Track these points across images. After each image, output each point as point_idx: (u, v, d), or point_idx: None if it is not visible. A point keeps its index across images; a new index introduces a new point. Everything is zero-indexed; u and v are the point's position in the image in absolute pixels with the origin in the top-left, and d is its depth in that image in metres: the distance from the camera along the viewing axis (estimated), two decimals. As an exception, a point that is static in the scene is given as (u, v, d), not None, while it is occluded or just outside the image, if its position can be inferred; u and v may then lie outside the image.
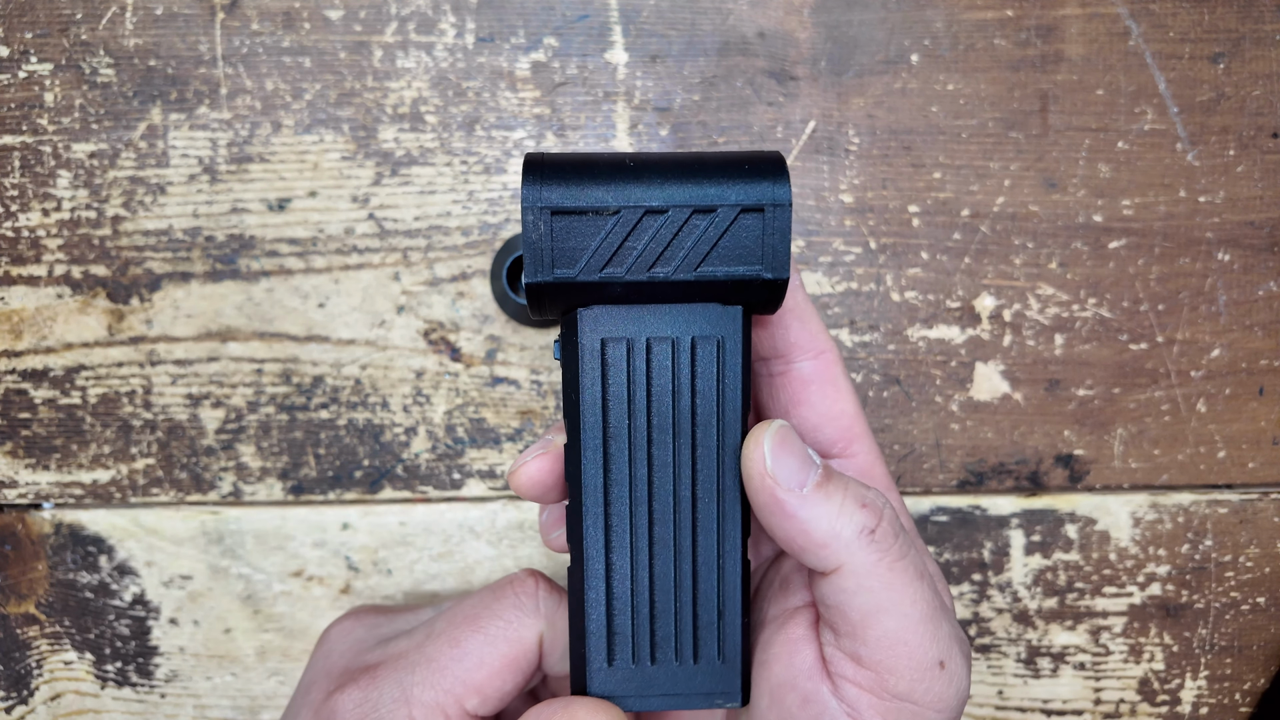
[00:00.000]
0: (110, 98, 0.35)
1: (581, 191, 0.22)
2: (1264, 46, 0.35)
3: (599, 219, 0.22)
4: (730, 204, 0.23)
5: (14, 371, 0.35)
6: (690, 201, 0.23)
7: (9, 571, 0.36)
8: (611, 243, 0.23)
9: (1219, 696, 0.37)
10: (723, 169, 0.23)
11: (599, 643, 0.24)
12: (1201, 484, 0.36)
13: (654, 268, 0.23)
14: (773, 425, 0.23)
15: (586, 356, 0.24)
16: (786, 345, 0.26)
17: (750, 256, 0.23)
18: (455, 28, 0.35)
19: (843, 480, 0.23)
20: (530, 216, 0.22)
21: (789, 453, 0.23)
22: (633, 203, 0.22)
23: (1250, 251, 0.36)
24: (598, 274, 0.23)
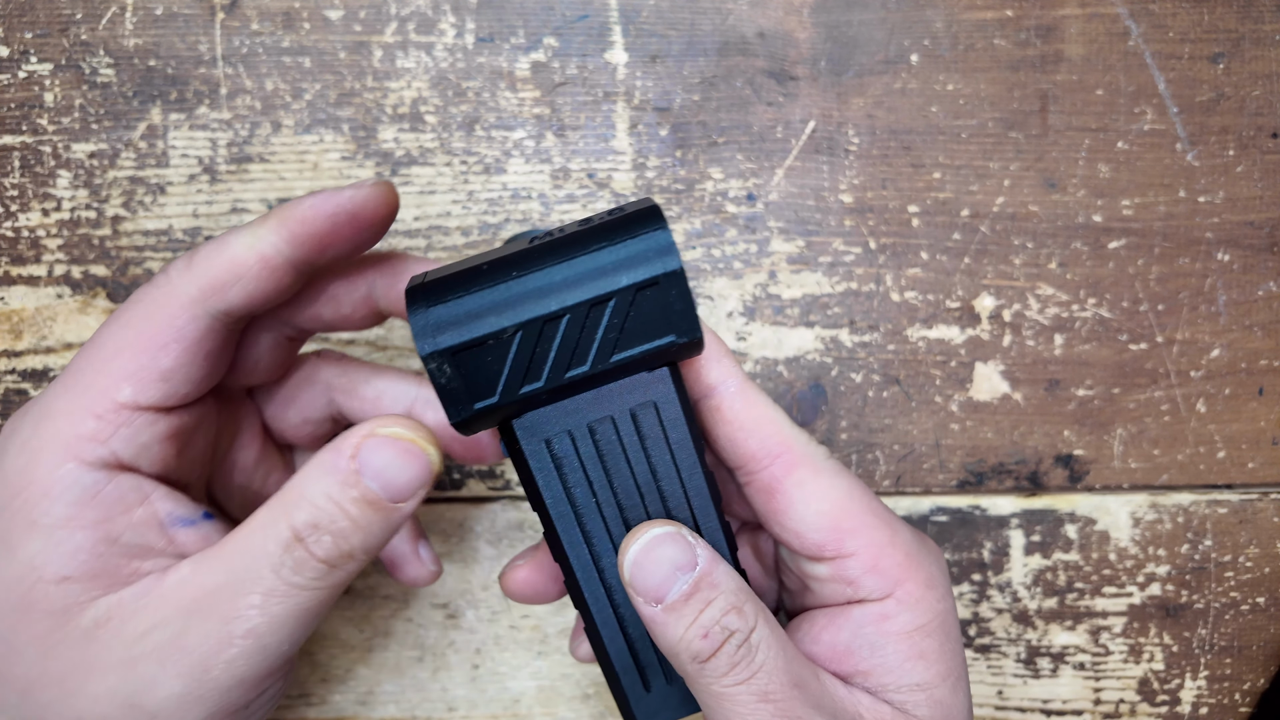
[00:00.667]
0: (110, 98, 0.35)
1: (474, 322, 0.22)
2: (1264, 46, 0.35)
3: (501, 343, 0.22)
4: (624, 288, 0.22)
5: (14, 371, 0.36)
6: (584, 297, 0.22)
7: (9, 571, 0.36)
8: (521, 360, 0.22)
9: (1219, 696, 0.37)
10: (607, 249, 0.22)
11: (632, 679, 0.26)
12: (1201, 484, 0.36)
13: (570, 369, 0.23)
14: (649, 532, 0.23)
15: (535, 460, 0.24)
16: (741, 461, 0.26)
17: (658, 327, 0.23)
18: (455, 28, 0.35)
19: (705, 598, 0.23)
20: (432, 365, 0.22)
21: (652, 566, 0.23)
22: (528, 317, 0.22)
23: (1250, 251, 0.36)
24: (517, 393, 0.23)
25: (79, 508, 0.22)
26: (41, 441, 0.22)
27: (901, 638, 0.25)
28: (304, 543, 0.22)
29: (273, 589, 0.22)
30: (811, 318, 0.36)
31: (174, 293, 0.23)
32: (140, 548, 0.23)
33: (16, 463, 0.22)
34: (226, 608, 0.22)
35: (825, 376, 0.36)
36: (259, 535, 0.22)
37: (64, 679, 0.22)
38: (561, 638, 0.37)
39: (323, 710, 0.37)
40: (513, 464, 0.26)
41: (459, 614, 0.36)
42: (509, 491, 0.36)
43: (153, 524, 0.23)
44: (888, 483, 0.36)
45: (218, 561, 0.22)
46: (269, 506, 0.22)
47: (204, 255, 0.23)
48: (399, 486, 0.23)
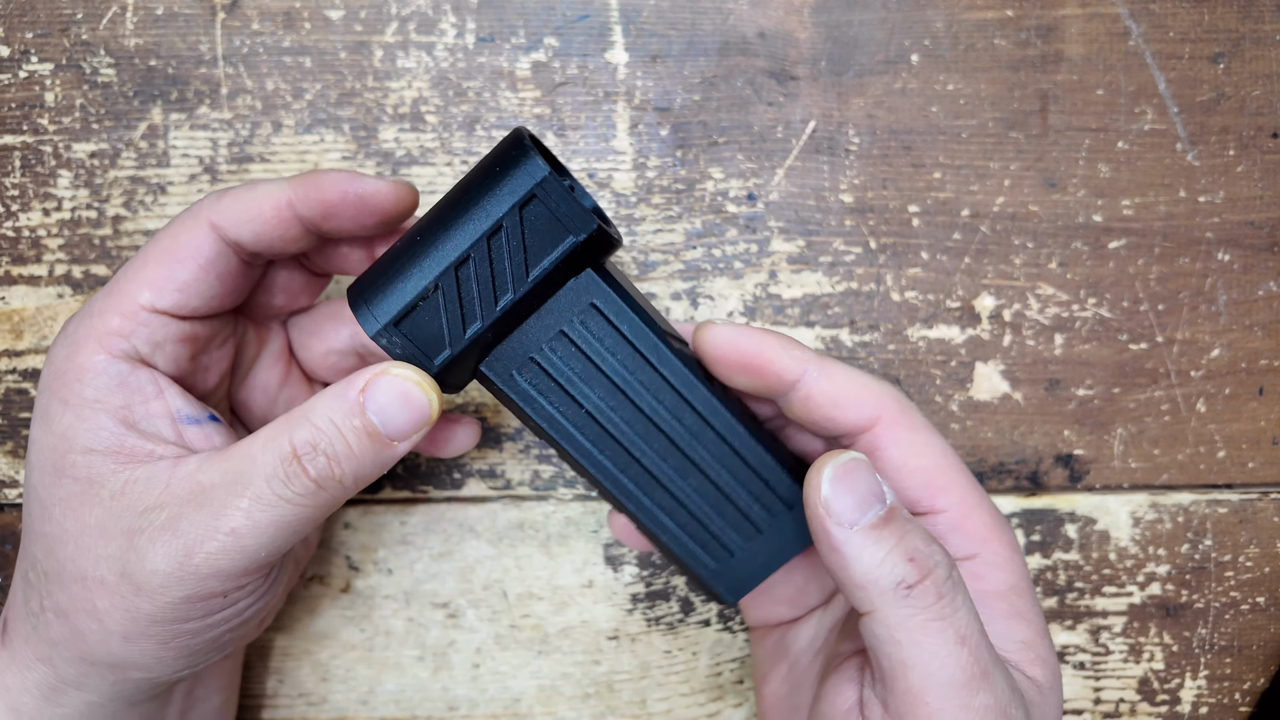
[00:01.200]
0: (111, 97, 0.35)
1: (400, 292, 0.24)
2: (1264, 46, 0.35)
3: (430, 301, 0.24)
4: (506, 212, 0.24)
5: (15, 371, 0.36)
6: (478, 234, 0.24)
7: (10, 571, 0.36)
8: (453, 309, 0.24)
9: (1219, 696, 0.37)
10: (481, 184, 0.24)
11: (697, 560, 0.28)
12: (1201, 484, 0.36)
13: (498, 300, 0.24)
14: (841, 457, 0.24)
15: (517, 394, 0.26)
16: (843, 433, 0.27)
17: (557, 234, 0.24)
18: (455, 28, 0.35)
19: (902, 528, 0.23)
20: (383, 340, 0.25)
21: (848, 487, 0.24)
22: (439, 270, 0.24)
23: (1250, 251, 0.36)
24: (464, 338, 0.24)
25: (105, 391, 0.25)
26: (80, 334, 0.26)
27: (999, 597, 0.25)
28: (299, 459, 0.24)
29: (260, 495, 0.24)
30: (812, 317, 0.36)
31: (198, 217, 0.26)
32: (153, 435, 0.26)
33: (61, 351, 0.26)
34: (218, 504, 0.24)
35: (825, 376, 0.36)
36: (260, 445, 0.24)
37: (80, 537, 0.25)
38: (562, 638, 0.37)
39: (323, 710, 0.37)
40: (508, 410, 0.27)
41: (459, 614, 0.37)
42: (509, 491, 0.36)
43: (165, 416, 0.26)
44: (888, 482, 0.36)
45: (221, 462, 0.25)
46: (276, 422, 0.25)
47: (233, 192, 0.26)
48: (398, 425, 0.25)
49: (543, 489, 0.36)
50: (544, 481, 0.36)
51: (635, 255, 0.36)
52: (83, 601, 0.25)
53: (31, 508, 0.26)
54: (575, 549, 0.36)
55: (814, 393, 0.26)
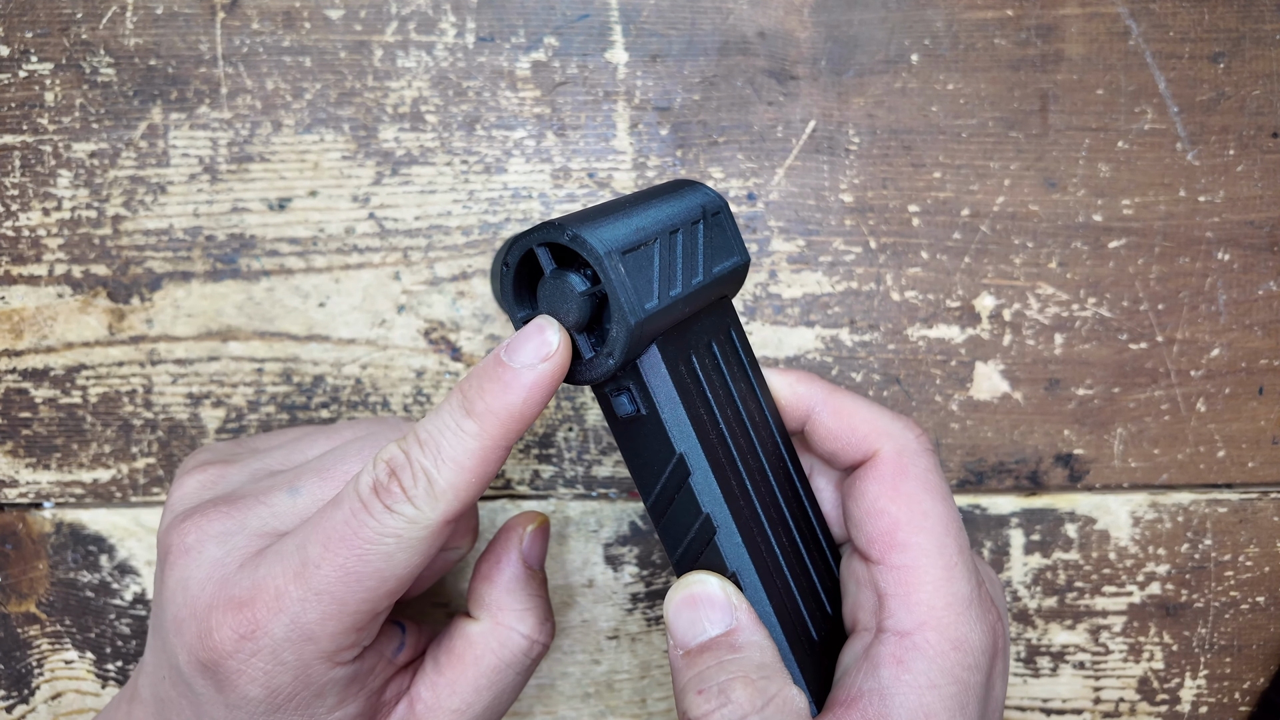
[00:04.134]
0: (111, 97, 0.35)
1: (629, 230, 0.24)
2: (1264, 46, 0.35)
3: (648, 249, 0.24)
4: (702, 213, 0.26)
5: (14, 371, 0.36)
6: (687, 217, 0.26)
7: (10, 571, 0.36)
8: (664, 265, 0.25)
9: (1218, 695, 0.37)
10: (674, 191, 0.26)
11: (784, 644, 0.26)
12: (1201, 483, 0.36)
13: (693, 278, 0.25)
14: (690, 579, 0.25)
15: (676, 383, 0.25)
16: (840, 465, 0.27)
17: (729, 249, 0.26)
18: (455, 27, 0.35)
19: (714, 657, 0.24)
20: (613, 261, 0.24)
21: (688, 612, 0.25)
22: (660, 228, 0.25)
23: (1250, 251, 0.36)
24: (669, 296, 0.24)
25: (345, 691, 0.26)
26: (305, 660, 0.25)
27: (911, 690, 0.23)
28: (535, 641, 0.29)
29: (517, 685, 0.29)
30: (812, 317, 0.36)
31: (430, 525, 0.24)
32: (383, 685, 0.27)
33: (282, 679, 0.25)
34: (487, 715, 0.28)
35: (826, 376, 0.36)
36: (497, 657, 0.28)
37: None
38: (562, 637, 0.37)
39: (323, 709, 0.37)
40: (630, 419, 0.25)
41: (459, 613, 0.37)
42: (509, 491, 0.36)
43: (383, 664, 0.27)
44: (888, 482, 0.36)
45: (467, 686, 0.28)
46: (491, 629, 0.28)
47: (446, 481, 0.24)
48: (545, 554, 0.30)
49: (542, 489, 0.36)
50: (544, 481, 0.36)
51: (635, 255, 0.36)
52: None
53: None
54: (575, 549, 0.36)
55: (817, 432, 0.27)
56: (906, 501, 0.25)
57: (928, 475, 0.26)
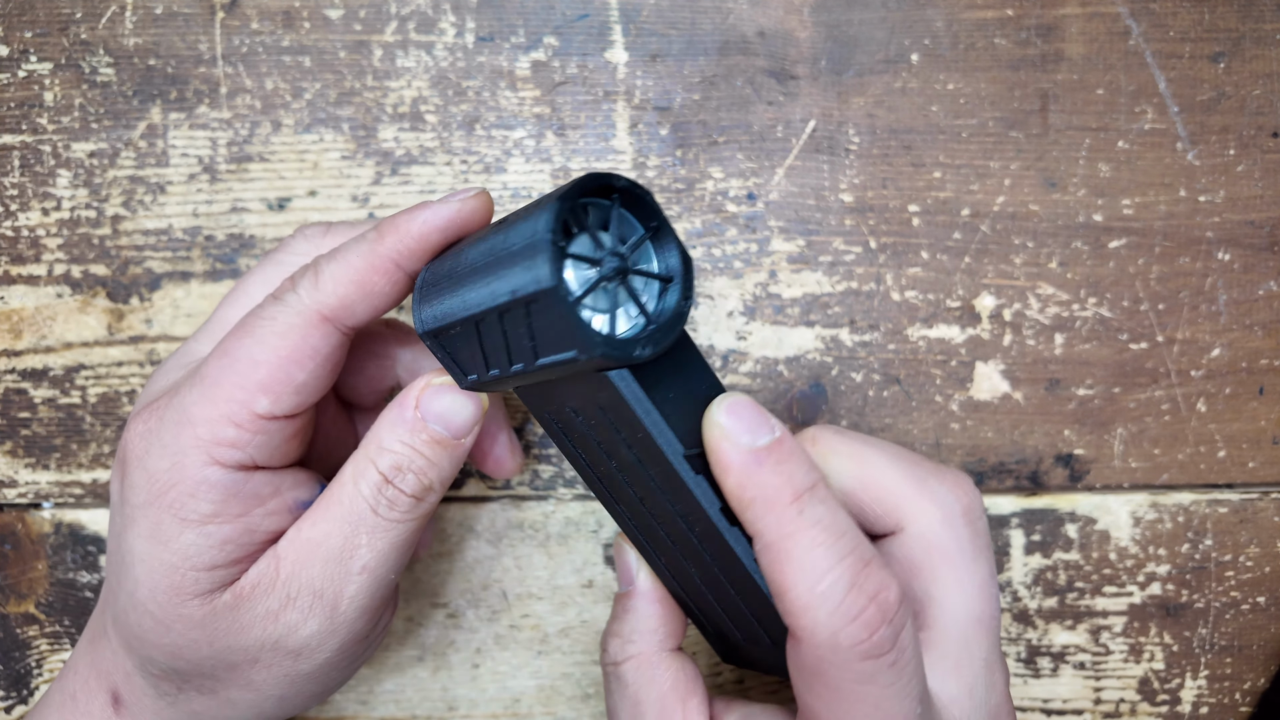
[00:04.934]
0: (110, 97, 0.35)
1: (442, 308, 0.24)
2: (1264, 46, 0.35)
3: (461, 332, 0.24)
4: (517, 300, 0.21)
5: (13, 371, 0.35)
6: (491, 304, 0.22)
7: (9, 571, 0.36)
8: (475, 349, 0.24)
9: (1219, 696, 0.37)
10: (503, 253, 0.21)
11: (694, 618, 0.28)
12: (1202, 483, 0.36)
13: (512, 364, 0.23)
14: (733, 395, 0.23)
15: (546, 425, 0.26)
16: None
17: (563, 339, 0.20)
18: (455, 27, 0.35)
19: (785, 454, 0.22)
20: (428, 341, 0.25)
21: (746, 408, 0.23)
22: (463, 315, 0.23)
23: (1250, 251, 0.36)
24: (488, 375, 0.24)
25: (222, 504, 0.25)
26: (183, 445, 0.25)
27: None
28: (392, 484, 0.25)
29: (375, 526, 0.25)
30: (812, 317, 0.36)
31: (305, 310, 0.25)
32: (274, 532, 0.26)
33: (161, 464, 0.25)
34: (341, 550, 0.25)
35: (826, 376, 0.36)
36: (352, 485, 0.25)
37: (212, 641, 0.25)
38: (561, 637, 0.37)
39: (323, 710, 0.37)
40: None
41: (459, 613, 0.36)
42: (509, 491, 0.36)
43: (283, 510, 0.26)
44: (888, 482, 0.36)
45: (323, 513, 0.26)
46: (354, 460, 0.26)
47: (329, 274, 0.25)
48: (458, 424, 0.26)
49: (542, 489, 0.36)
50: (544, 481, 0.36)
51: (635, 255, 0.36)
52: (235, 681, 0.26)
53: (141, 620, 0.26)
54: (575, 549, 0.36)
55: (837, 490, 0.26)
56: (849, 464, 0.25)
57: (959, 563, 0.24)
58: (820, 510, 0.22)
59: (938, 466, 0.26)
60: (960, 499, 0.25)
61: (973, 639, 0.24)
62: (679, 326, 0.22)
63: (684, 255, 0.22)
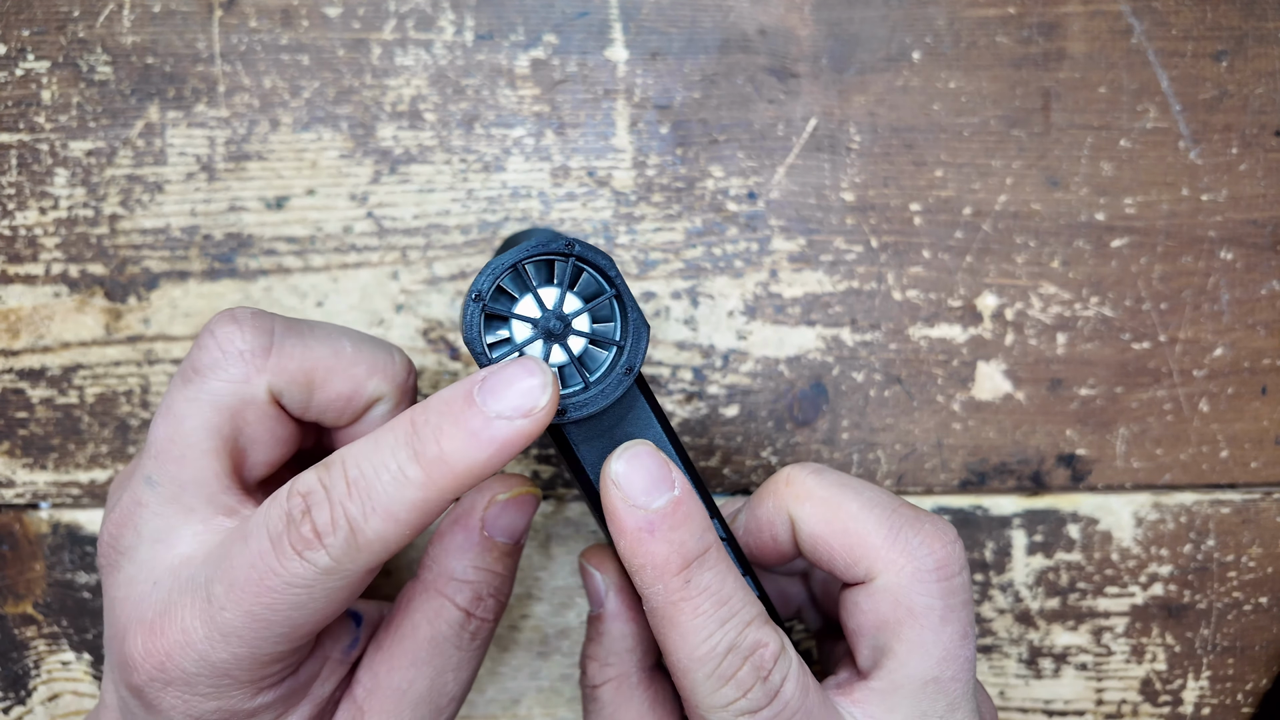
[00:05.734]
0: (108, 95, 0.35)
1: None
2: (1267, 44, 0.35)
3: None
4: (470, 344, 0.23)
5: (11, 371, 0.35)
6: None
7: (6, 572, 0.36)
8: None
9: (1221, 697, 0.37)
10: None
11: None
12: (1204, 484, 0.36)
13: None
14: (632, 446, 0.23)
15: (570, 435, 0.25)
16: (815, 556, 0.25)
17: None
18: (454, 25, 0.35)
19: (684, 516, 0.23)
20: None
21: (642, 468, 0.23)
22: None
23: (1253, 250, 0.36)
24: None
25: (285, 702, 0.24)
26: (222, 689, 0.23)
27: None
28: (474, 616, 0.25)
29: (461, 660, 0.25)
30: (813, 316, 0.36)
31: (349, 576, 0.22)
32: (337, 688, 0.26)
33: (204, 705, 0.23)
34: (429, 690, 0.25)
35: (827, 376, 0.36)
36: (429, 627, 0.25)
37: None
38: (561, 638, 0.36)
39: (322, 711, 0.37)
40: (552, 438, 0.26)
41: (458, 614, 0.36)
42: (509, 491, 0.36)
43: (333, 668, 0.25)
44: (890, 482, 0.36)
45: (402, 658, 0.25)
46: (425, 597, 0.25)
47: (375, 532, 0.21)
48: (521, 529, 0.26)
49: (543, 489, 0.36)
50: (543, 482, 0.36)
51: (635, 254, 0.35)
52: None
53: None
54: (575, 550, 0.36)
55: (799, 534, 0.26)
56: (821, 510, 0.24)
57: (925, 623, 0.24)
58: (708, 577, 0.22)
59: (917, 515, 0.24)
60: (935, 552, 0.23)
61: (927, 700, 0.24)
62: (616, 393, 0.23)
63: (628, 322, 0.23)
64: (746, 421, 0.36)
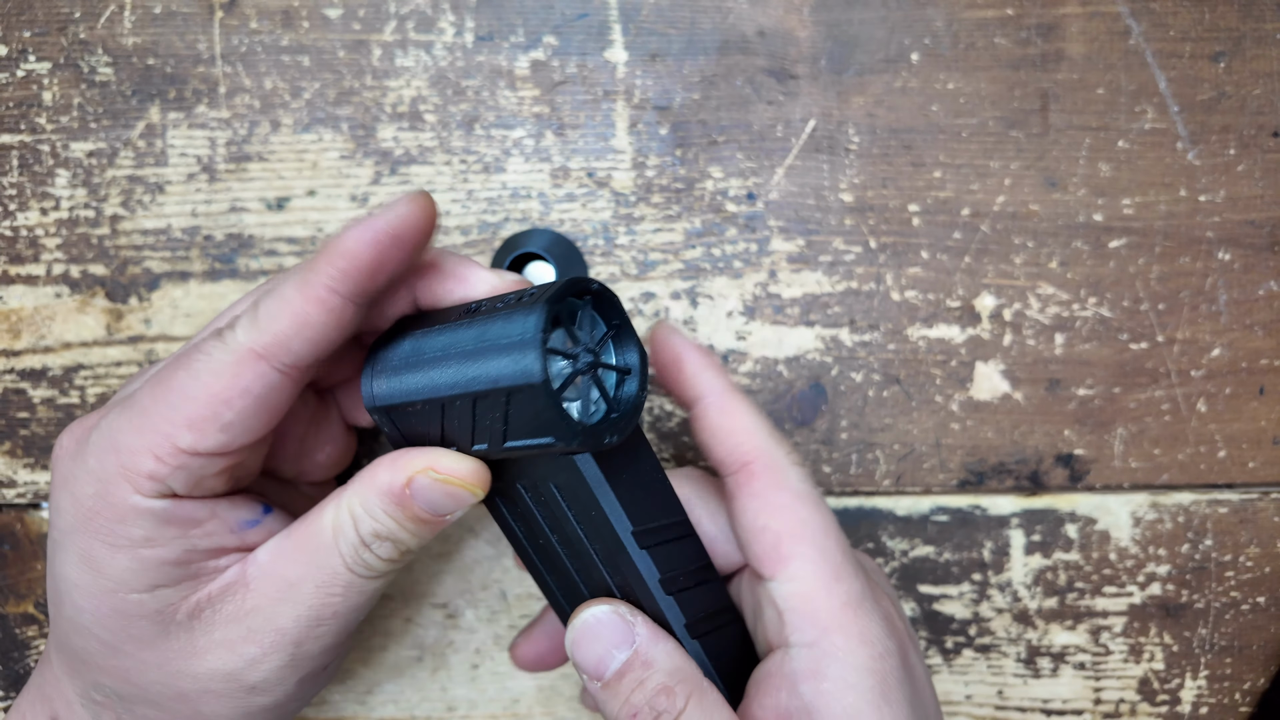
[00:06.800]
0: (109, 96, 0.35)
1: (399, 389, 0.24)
2: (1265, 45, 0.35)
3: (421, 410, 0.24)
4: (498, 389, 0.22)
5: (12, 371, 0.35)
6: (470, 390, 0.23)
7: (8, 571, 0.36)
8: (435, 428, 0.24)
9: (1219, 696, 0.37)
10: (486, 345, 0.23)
11: None
12: (1202, 484, 0.36)
13: (474, 444, 0.24)
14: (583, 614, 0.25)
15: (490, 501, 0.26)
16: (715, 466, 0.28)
17: (540, 427, 0.22)
18: (454, 26, 0.35)
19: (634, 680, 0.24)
20: (377, 416, 0.25)
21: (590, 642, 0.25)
22: (431, 396, 0.24)
23: (1251, 251, 0.36)
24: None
25: (155, 529, 0.24)
26: (109, 472, 0.24)
27: (833, 698, 0.24)
28: (370, 549, 0.25)
29: (350, 583, 0.25)
30: (812, 317, 0.36)
31: (239, 348, 0.24)
32: (216, 550, 0.26)
33: (87, 489, 0.24)
34: (313, 597, 0.25)
35: (825, 376, 0.36)
36: (331, 536, 0.25)
37: (163, 664, 0.25)
38: (561, 637, 0.37)
39: (322, 710, 0.37)
40: None
41: (458, 614, 0.36)
42: (508, 491, 0.36)
43: (222, 530, 0.26)
44: (888, 482, 0.36)
45: (298, 554, 0.25)
46: (336, 506, 0.25)
47: (265, 311, 0.24)
48: (444, 508, 0.25)
49: (542, 489, 0.36)
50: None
51: (635, 254, 0.36)
52: (183, 711, 0.26)
53: (88, 644, 0.25)
54: (574, 549, 0.36)
55: (704, 416, 0.27)
56: (784, 514, 0.26)
57: (800, 486, 0.26)
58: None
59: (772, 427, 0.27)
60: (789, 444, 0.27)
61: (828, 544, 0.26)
62: (638, 414, 0.24)
63: (641, 350, 0.25)
64: (745, 421, 0.36)
